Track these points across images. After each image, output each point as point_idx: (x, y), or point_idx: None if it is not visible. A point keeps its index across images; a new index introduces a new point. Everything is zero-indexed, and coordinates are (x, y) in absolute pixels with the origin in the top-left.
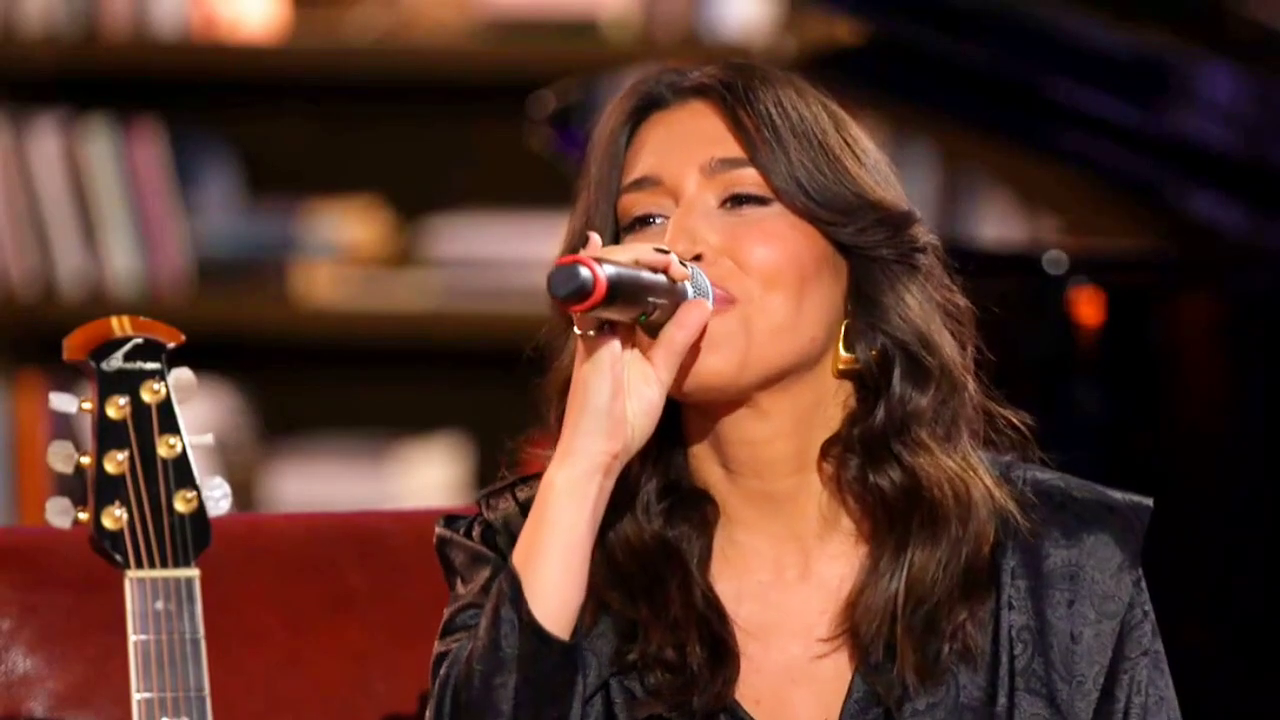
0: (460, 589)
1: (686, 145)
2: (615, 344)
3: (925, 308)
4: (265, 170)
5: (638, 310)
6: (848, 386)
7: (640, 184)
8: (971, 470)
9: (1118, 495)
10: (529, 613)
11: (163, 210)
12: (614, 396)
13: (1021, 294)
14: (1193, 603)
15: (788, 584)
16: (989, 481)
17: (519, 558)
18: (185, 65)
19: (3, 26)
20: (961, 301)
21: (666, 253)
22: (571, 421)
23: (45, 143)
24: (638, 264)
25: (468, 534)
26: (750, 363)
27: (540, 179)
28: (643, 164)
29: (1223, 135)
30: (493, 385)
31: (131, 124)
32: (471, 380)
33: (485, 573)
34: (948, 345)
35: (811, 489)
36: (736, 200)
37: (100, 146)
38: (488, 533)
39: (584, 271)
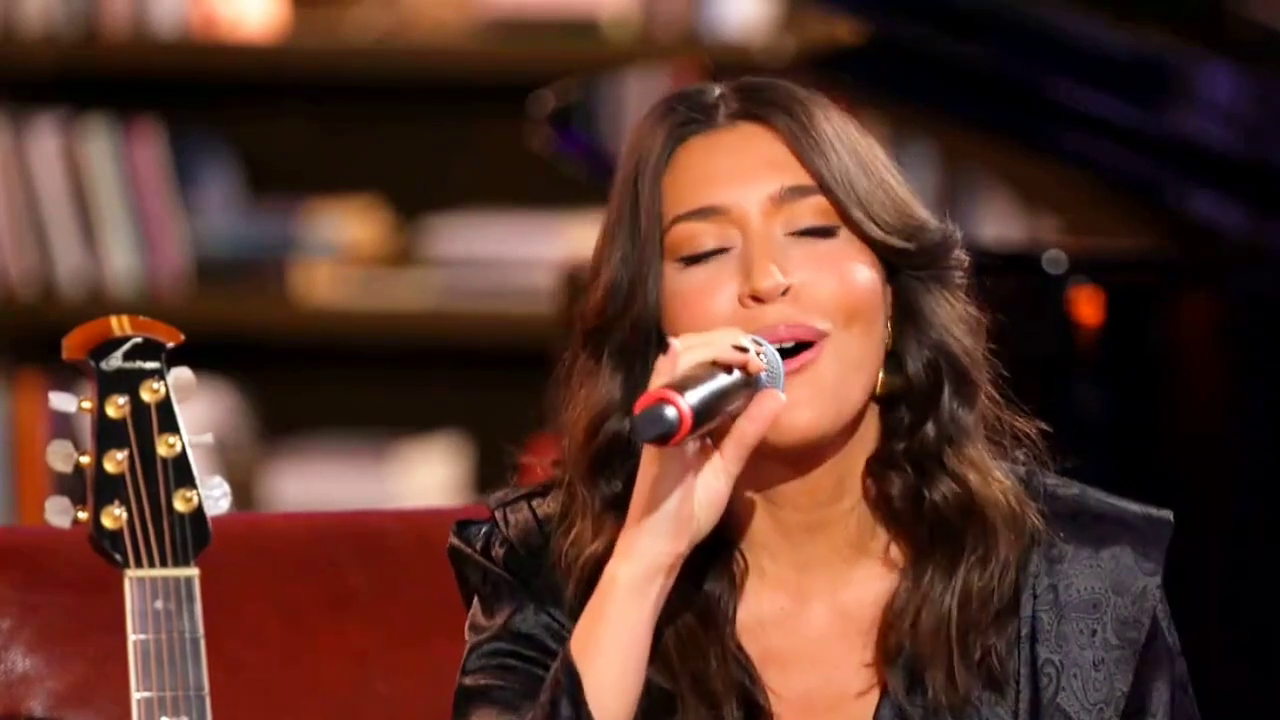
0: (480, 616)
1: (748, 171)
2: (688, 446)
3: (960, 322)
4: (265, 170)
5: (719, 423)
6: (875, 407)
7: (703, 214)
8: (1006, 484)
9: (1137, 509)
10: (589, 716)
11: (162, 210)
12: (683, 499)
13: (1021, 293)
14: (1194, 604)
15: (811, 610)
16: (1017, 496)
17: (577, 649)
18: (185, 65)
19: (2, 26)
20: (974, 311)
21: (745, 350)
22: (636, 519)
23: (45, 142)
24: (715, 364)
25: (485, 550)
26: (842, 411)
27: (540, 179)
28: (702, 192)
29: (1223, 135)
30: (492, 385)
31: (131, 124)
32: (471, 380)
33: (508, 608)
34: (981, 357)
35: (846, 514)
36: (805, 231)
37: (100, 146)
38: (510, 555)
39: (669, 412)
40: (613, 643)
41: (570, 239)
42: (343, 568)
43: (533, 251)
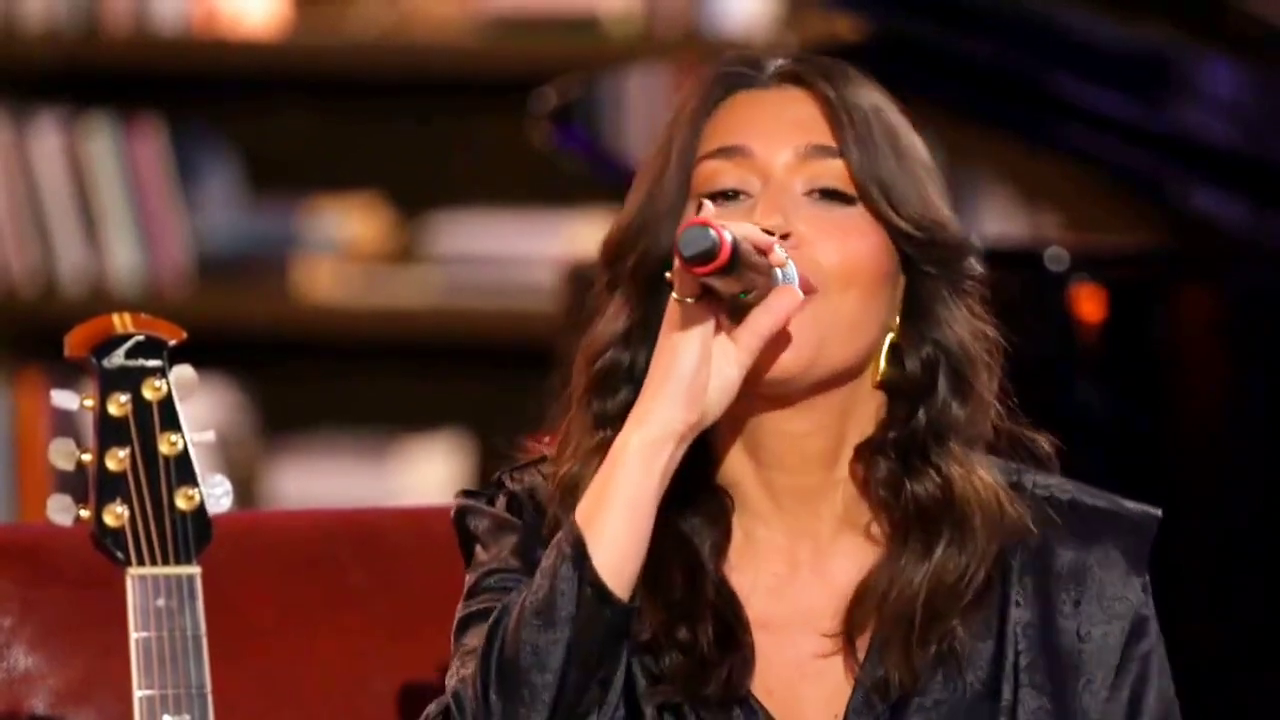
0: (482, 555)
1: (781, 125)
2: (710, 314)
3: (970, 330)
4: (266, 166)
5: (742, 286)
6: (880, 396)
7: (728, 152)
8: (990, 483)
9: (1128, 504)
10: (593, 569)
11: (164, 207)
12: (700, 367)
13: (1023, 290)
14: (1193, 601)
15: (801, 579)
16: (1004, 495)
17: (582, 517)
18: (186, 61)
19: (4, 23)
20: (992, 333)
21: (772, 234)
22: (654, 385)
23: (46, 139)
24: (744, 240)
25: (490, 503)
26: (820, 360)
27: (542, 176)
28: (732, 133)
29: (1224, 130)
30: (494, 382)
31: (133, 120)
32: (472, 376)
33: (512, 539)
34: (984, 367)
35: (835, 487)
36: (824, 194)
37: (101, 143)
38: (513, 502)
39: (713, 234)
40: (618, 503)
41: (572, 236)
42: (344, 565)
43: (534, 248)
